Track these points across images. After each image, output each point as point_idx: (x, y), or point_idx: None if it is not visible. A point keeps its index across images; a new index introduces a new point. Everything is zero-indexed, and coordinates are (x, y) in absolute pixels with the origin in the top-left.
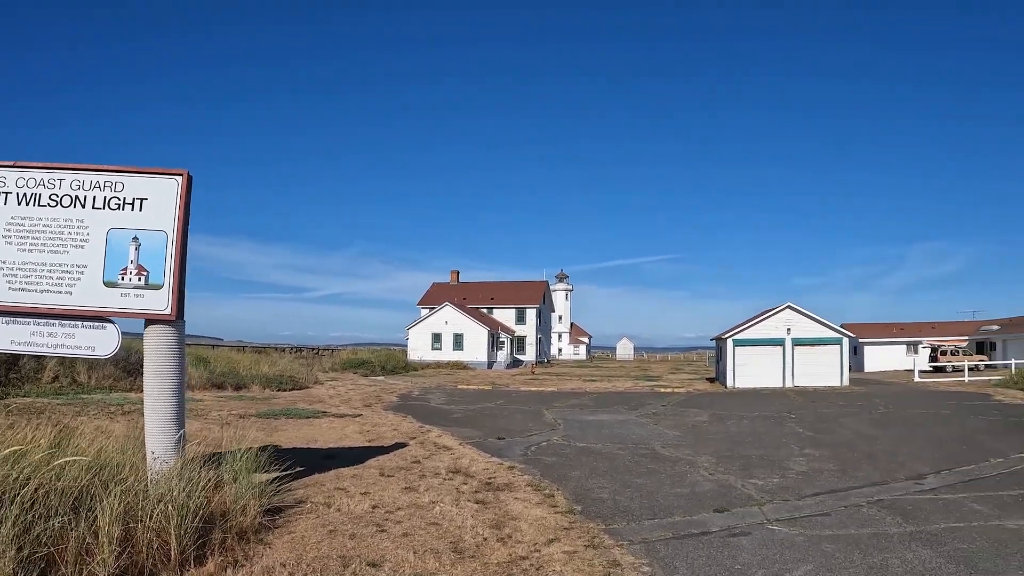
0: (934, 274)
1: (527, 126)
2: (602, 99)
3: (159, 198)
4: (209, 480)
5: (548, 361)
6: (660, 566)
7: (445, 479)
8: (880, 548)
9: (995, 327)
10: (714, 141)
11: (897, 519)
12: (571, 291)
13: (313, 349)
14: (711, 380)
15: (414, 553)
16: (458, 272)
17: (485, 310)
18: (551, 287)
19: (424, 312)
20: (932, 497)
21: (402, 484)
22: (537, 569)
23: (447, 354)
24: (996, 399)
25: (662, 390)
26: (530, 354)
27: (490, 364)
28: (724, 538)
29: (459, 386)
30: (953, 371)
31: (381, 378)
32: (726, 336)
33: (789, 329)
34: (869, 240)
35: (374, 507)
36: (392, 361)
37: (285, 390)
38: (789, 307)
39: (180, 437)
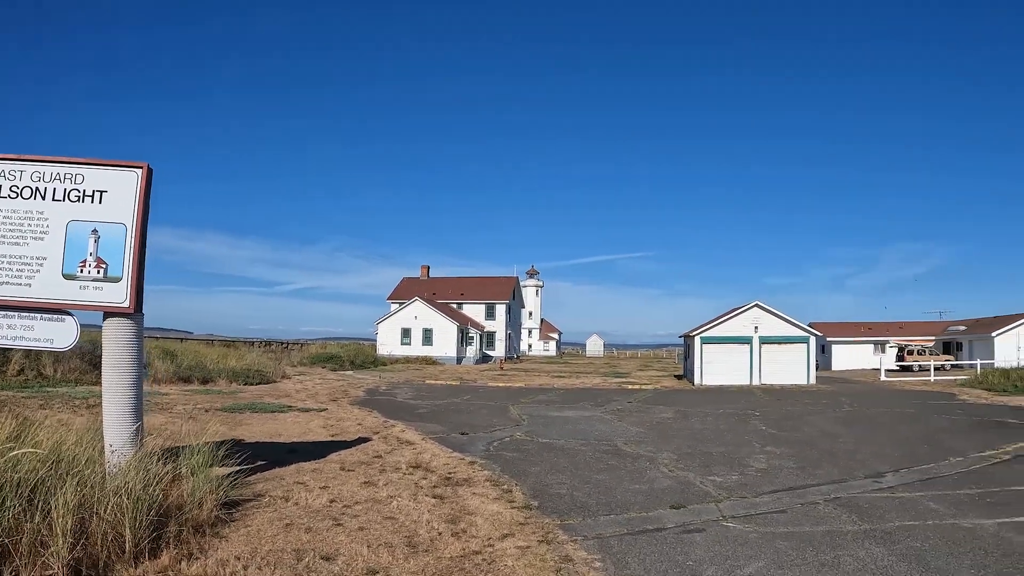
0: (908, 275)
1: (503, 122)
2: (578, 96)
3: (119, 191)
4: (166, 473)
5: (518, 357)
6: (612, 562)
7: (405, 474)
8: (833, 546)
9: (962, 328)
10: (691, 140)
11: (853, 517)
12: (542, 287)
13: (283, 343)
14: (679, 377)
15: (368, 547)
16: (428, 267)
17: (455, 305)
18: (522, 283)
19: (394, 307)
20: (889, 495)
21: (362, 479)
22: (489, 563)
23: (416, 349)
24: (960, 399)
25: (630, 387)
26: (499, 350)
27: (459, 359)
28: (678, 534)
29: (427, 381)
30: (919, 370)
31: (350, 373)
32: (694, 334)
33: (757, 327)
34: (844, 241)
35: (332, 501)
36: (361, 356)
37: (252, 384)
38: (757, 306)
39: (137, 429)
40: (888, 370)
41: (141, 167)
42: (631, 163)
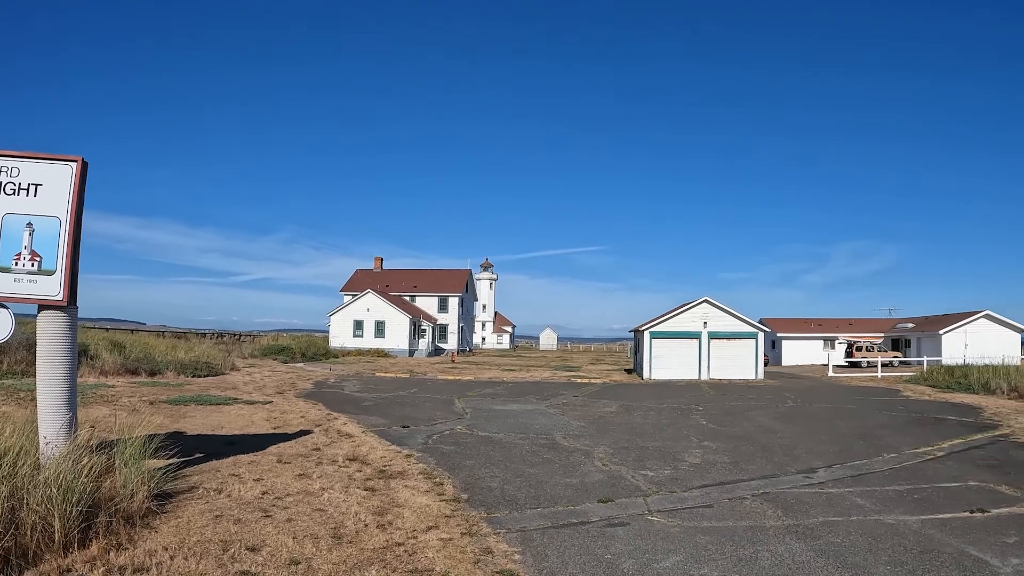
0: (858, 273)
1: (461, 113)
2: (534, 90)
3: (54, 184)
4: (99, 465)
5: (471, 350)
6: (532, 554)
7: (341, 466)
8: (754, 541)
9: (910, 325)
10: (647, 136)
11: (778, 512)
12: (495, 280)
13: (235, 335)
14: (629, 372)
15: (293, 538)
16: (382, 259)
17: (408, 298)
18: (475, 276)
19: (347, 299)
20: (818, 491)
21: (297, 471)
22: (411, 555)
23: (369, 341)
24: (904, 395)
25: (578, 381)
26: (452, 342)
27: (411, 352)
28: (602, 528)
29: (377, 374)
30: (868, 366)
31: (300, 365)
32: (643, 329)
33: (706, 323)
34: (797, 238)
35: (264, 493)
36: (313, 348)
37: (200, 376)
38: (706, 301)
39: (70, 420)
40: (837, 366)
41: (76, 160)
42: (587, 158)
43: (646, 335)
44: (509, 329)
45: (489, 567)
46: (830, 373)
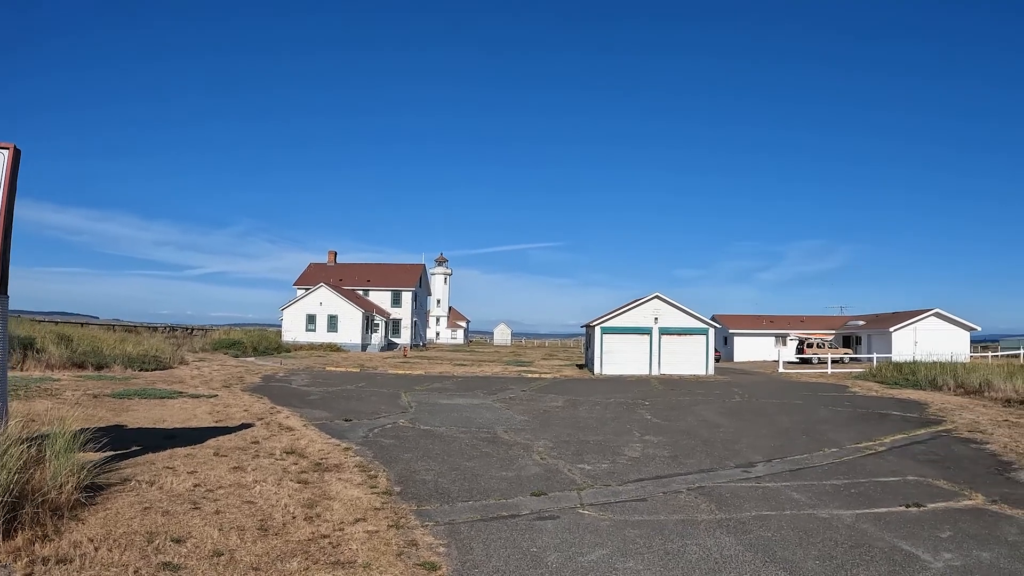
0: (812, 271)
1: (417, 109)
2: (494, 90)
3: None
4: (28, 456)
5: (424, 345)
6: (457, 547)
7: (277, 460)
8: (683, 535)
9: (861, 322)
10: (603, 136)
11: (712, 506)
12: (450, 275)
13: (187, 328)
14: (581, 367)
15: (219, 530)
16: (335, 253)
17: (361, 292)
18: (430, 271)
19: (300, 293)
20: (754, 485)
21: (232, 464)
22: (335, 547)
23: (321, 336)
24: (851, 391)
25: (529, 375)
26: (405, 337)
27: (364, 347)
28: (531, 521)
29: (327, 368)
30: (818, 363)
31: (252, 359)
32: (595, 324)
33: (657, 318)
34: (752, 236)
35: (196, 486)
36: (265, 342)
37: (148, 370)
38: (657, 297)
39: (1, 412)
40: (788, 362)
41: (8, 148)
42: (544, 154)
43: (597, 330)
44: (464, 324)
45: (411, 559)
46: (780, 369)
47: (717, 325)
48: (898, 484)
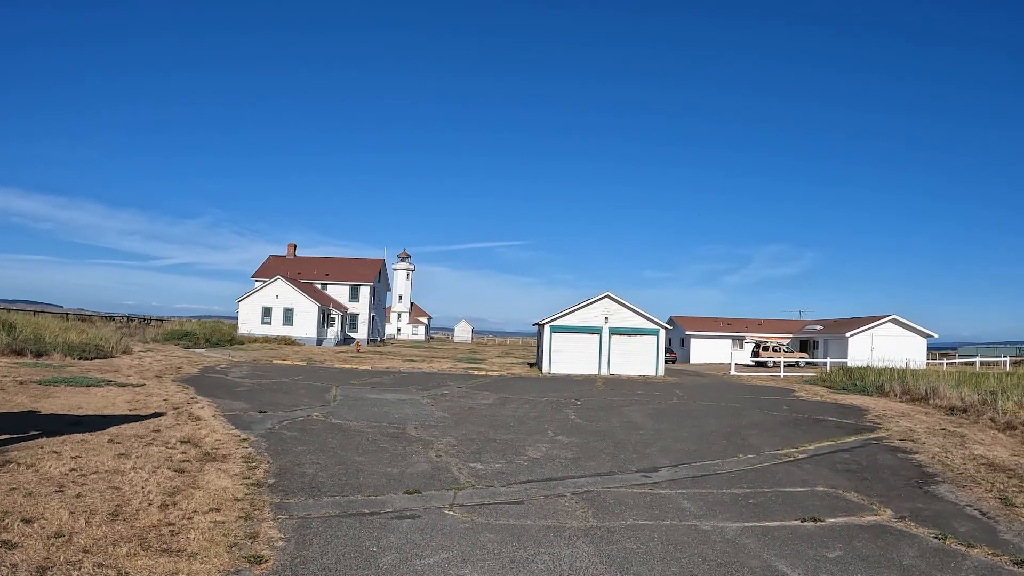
0: (778, 275)
1: (388, 108)
2: (468, 90)
3: None
4: None
5: (382, 340)
6: (297, 542)
7: (168, 448)
8: (541, 542)
9: (819, 327)
10: (573, 137)
11: (588, 512)
12: (413, 271)
13: (144, 319)
14: (532, 365)
15: (70, 513)
16: (295, 246)
17: (319, 286)
18: (393, 266)
19: (257, 285)
20: (647, 491)
21: (121, 451)
22: (173, 535)
23: (277, 329)
24: (796, 395)
25: (475, 372)
26: (362, 332)
27: (319, 341)
28: (388, 520)
29: (274, 361)
30: (773, 366)
31: (202, 351)
32: (544, 322)
33: (607, 318)
34: (720, 240)
35: (72, 470)
36: (217, 334)
37: (88, 359)
38: (608, 296)
39: None
40: (742, 364)
41: None
42: (512, 153)
43: (546, 329)
44: (425, 320)
45: (242, 551)
46: (732, 372)
47: (668, 326)
48: (804, 495)
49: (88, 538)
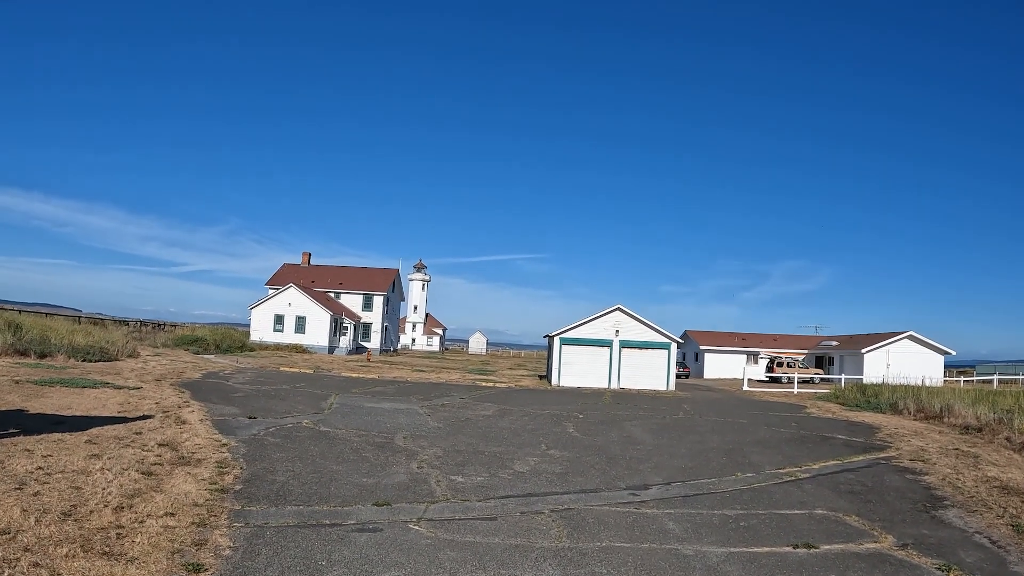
0: (795, 291)
1: (410, 120)
2: (487, 99)
3: None
4: None
5: (395, 350)
6: (244, 552)
7: (144, 451)
8: (504, 563)
9: (834, 343)
10: (592, 150)
11: (563, 532)
12: (428, 281)
13: (158, 324)
14: (542, 377)
15: (23, 511)
16: (309, 254)
17: (332, 294)
18: (408, 277)
19: (270, 292)
20: (632, 511)
21: (94, 451)
22: (120, 538)
23: (289, 336)
24: (807, 411)
25: (482, 384)
26: (375, 341)
27: (331, 349)
28: (347, 532)
29: (282, 368)
30: (788, 382)
31: (211, 356)
32: (555, 335)
33: (618, 331)
34: (737, 255)
35: (38, 468)
36: (228, 340)
37: (91, 361)
38: (619, 309)
39: None
40: (757, 380)
41: None
42: (534, 165)
43: (556, 341)
44: (440, 331)
45: (184, 558)
46: (745, 387)
47: (680, 340)
48: (800, 518)
49: (33, 537)
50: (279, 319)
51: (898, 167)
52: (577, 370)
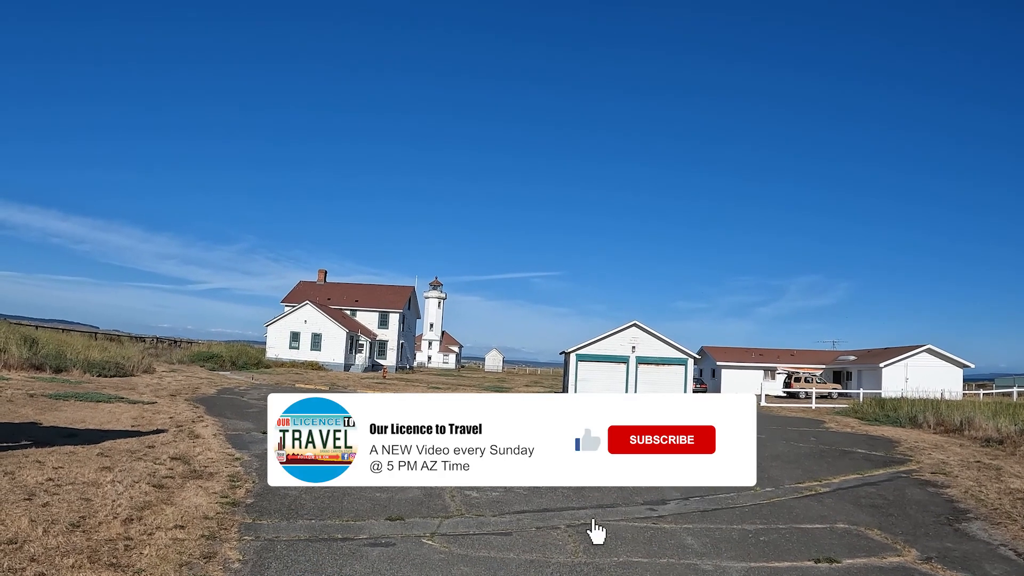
0: (811, 306)
1: (426, 139)
2: (502, 116)
3: None
4: None
5: (411, 368)
6: (254, 565)
7: (157, 464)
8: None
9: (852, 357)
10: (605, 168)
11: (580, 547)
12: (444, 299)
13: (174, 340)
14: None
15: (32, 521)
16: (325, 272)
17: (348, 312)
18: (424, 294)
19: (286, 309)
20: (650, 525)
21: (106, 464)
22: (127, 550)
23: (304, 354)
24: (826, 426)
25: None
26: (391, 359)
27: (347, 367)
28: (359, 547)
29: (297, 384)
30: (805, 397)
31: (226, 373)
32: (571, 351)
33: (634, 347)
34: (753, 271)
35: (48, 479)
36: (244, 357)
37: (107, 376)
38: (635, 325)
39: None
40: (775, 396)
41: None
42: (546, 182)
43: (572, 357)
44: (456, 349)
45: (192, 570)
46: (762, 403)
47: (697, 356)
48: (821, 532)
49: (40, 547)
50: (295, 336)
51: (913, 180)
52: (594, 386)
